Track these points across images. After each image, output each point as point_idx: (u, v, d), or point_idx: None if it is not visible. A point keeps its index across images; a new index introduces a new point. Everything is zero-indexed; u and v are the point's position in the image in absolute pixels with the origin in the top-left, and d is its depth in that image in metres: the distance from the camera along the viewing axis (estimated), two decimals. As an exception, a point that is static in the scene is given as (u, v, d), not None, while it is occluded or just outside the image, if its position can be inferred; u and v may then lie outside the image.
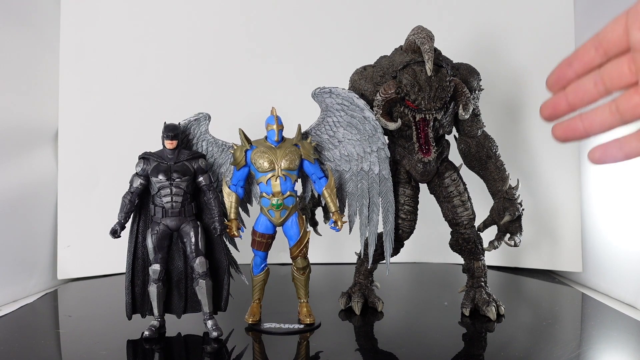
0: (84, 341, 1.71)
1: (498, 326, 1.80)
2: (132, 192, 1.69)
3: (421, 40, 1.68)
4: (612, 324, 1.84)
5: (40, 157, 2.56)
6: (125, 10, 2.71)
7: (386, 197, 1.83)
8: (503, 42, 2.67)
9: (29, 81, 2.49)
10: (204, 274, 1.69)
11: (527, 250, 2.64)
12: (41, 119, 2.58)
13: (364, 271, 1.99)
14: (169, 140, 1.69)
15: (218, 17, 2.76)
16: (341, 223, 1.78)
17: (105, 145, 2.67)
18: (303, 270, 1.80)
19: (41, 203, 2.56)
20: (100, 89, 2.68)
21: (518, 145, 2.66)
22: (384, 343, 1.69)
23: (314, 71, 2.71)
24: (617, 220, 2.28)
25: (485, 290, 1.90)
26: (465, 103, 1.76)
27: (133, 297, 1.74)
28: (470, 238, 1.89)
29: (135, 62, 2.71)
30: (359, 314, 1.92)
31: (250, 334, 1.75)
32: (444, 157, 1.92)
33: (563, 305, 2.15)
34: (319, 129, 1.85)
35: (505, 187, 1.88)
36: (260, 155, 1.73)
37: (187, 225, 1.70)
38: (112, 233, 1.66)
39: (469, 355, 1.58)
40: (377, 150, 1.80)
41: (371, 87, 1.83)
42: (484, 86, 1.91)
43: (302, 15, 2.77)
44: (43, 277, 2.52)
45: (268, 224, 1.77)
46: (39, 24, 2.56)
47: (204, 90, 2.71)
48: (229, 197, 1.77)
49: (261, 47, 2.76)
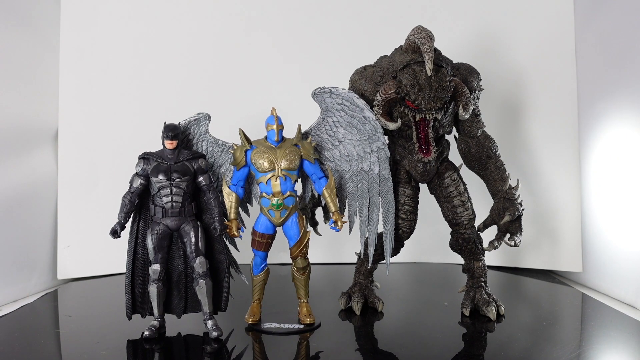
0: (84, 341, 1.71)
1: (498, 326, 1.80)
2: (132, 192, 1.69)
3: (421, 40, 1.68)
4: (612, 324, 1.84)
5: (40, 157, 2.56)
6: (126, 10, 2.71)
7: (386, 197, 1.83)
8: (503, 42, 2.67)
9: (29, 81, 2.49)
10: (204, 274, 1.69)
11: (527, 250, 2.64)
12: (41, 119, 2.57)
13: (364, 271, 1.99)
14: (169, 140, 1.69)
15: (218, 17, 2.76)
16: (341, 223, 1.78)
17: (105, 146, 2.67)
18: (303, 270, 1.80)
19: (41, 203, 2.55)
20: (101, 89, 2.68)
21: (518, 145, 2.65)
22: (384, 343, 1.69)
23: (314, 71, 2.71)
24: (617, 220, 2.28)
25: (485, 290, 1.90)
26: (465, 103, 1.76)
27: (133, 297, 1.74)
28: (470, 238, 1.89)
29: (135, 62, 2.71)
30: (359, 314, 1.92)
31: (250, 334, 1.75)
32: (444, 157, 1.92)
33: (563, 305, 2.15)
34: (319, 129, 1.85)
35: (505, 187, 1.88)
36: (260, 155, 1.73)
37: (187, 225, 1.70)
38: (112, 233, 1.66)
39: (469, 355, 1.58)
40: (377, 150, 1.80)
41: (371, 87, 1.83)
42: (484, 86, 1.91)
43: (303, 16, 2.77)
44: (43, 277, 2.52)
45: (268, 224, 1.77)
46: (39, 24, 2.56)
47: (203, 90, 2.71)
48: (229, 197, 1.77)
49: (261, 47, 2.76)
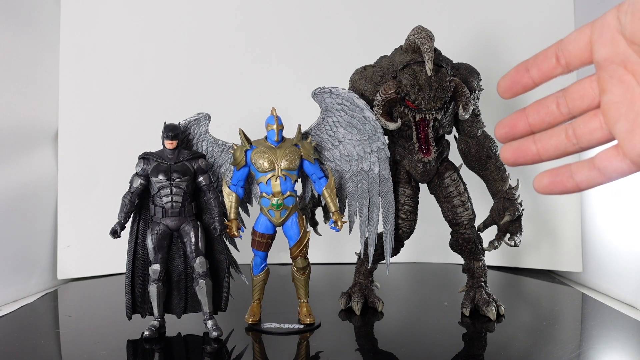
0: (84, 341, 1.71)
1: (498, 326, 1.80)
2: (132, 192, 1.69)
3: (421, 40, 1.68)
4: (612, 324, 1.84)
5: (40, 157, 2.56)
6: (125, 10, 2.71)
7: (386, 197, 1.83)
8: (503, 42, 2.67)
9: (29, 81, 2.49)
10: (204, 274, 1.69)
11: (527, 250, 2.64)
12: (41, 119, 2.57)
13: (364, 271, 1.99)
14: (169, 140, 1.69)
15: (218, 17, 2.76)
16: (341, 223, 1.78)
17: (105, 146, 2.67)
18: (303, 270, 1.80)
19: (41, 203, 2.56)
20: (100, 89, 2.68)
21: (518, 145, 2.65)
22: (384, 343, 1.69)
23: (314, 71, 2.71)
24: (617, 220, 2.28)
25: (485, 290, 1.90)
26: (465, 103, 1.76)
27: (133, 297, 1.74)
28: (470, 238, 1.89)
29: (135, 62, 2.71)
30: (359, 314, 1.92)
31: (250, 334, 1.75)
32: (444, 157, 1.92)
33: (563, 305, 2.15)
34: (319, 129, 1.85)
35: (505, 187, 1.88)
36: (260, 155, 1.73)
37: (187, 225, 1.70)
38: (112, 233, 1.66)
39: (469, 355, 1.58)
40: (377, 150, 1.80)
41: (371, 87, 1.83)
42: (484, 86, 1.91)
43: (303, 16, 2.77)
44: (43, 277, 2.52)
45: (268, 224, 1.77)
46: (39, 24, 2.56)
47: (203, 90, 2.71)
48: (229, 197, 1.77)
49: (261, 47, 2.76)
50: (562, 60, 0.71)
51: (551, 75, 0.72)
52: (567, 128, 0.72)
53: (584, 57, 0.69)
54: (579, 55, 0.70)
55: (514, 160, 0.76)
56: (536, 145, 0.74)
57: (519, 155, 0.76)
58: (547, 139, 0.73)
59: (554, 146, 0.73)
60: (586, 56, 0.69)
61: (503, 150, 0.77)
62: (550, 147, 0.73)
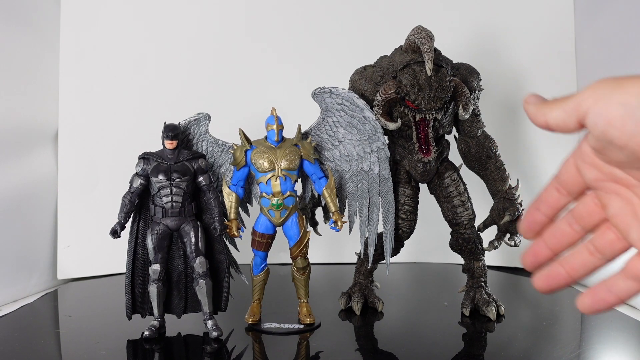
0: (84, 341, 1.71)
1: (498, 326, 1.80)
2: (132, 192, 1.69)
3: (421, 40, 1.68)
4: (612, 324, 1.83)
5: (40, 157, 2.56)
6: (126, 10, 2.71)
7: (386, 197, 1.83)
8: (503, 42, 2.67)
9: (29, 81, 2.49)
10: (204, 274, 1.69)
11: (527, 250, 2.64)
12: (41, 119, 2.57)
13: (364, 271, 1.99)
14: (169, 140, 1.69)
15: (218, 17, 2.76)
16: (341, 223, 1.78)
17: (105, 146, 2.67)
18: (303, 270, 1.80)
19: (41, 203, 2.56)
20: (101, 89, 2.69)
21: (518, 145, 2.65)
22: (384, 343, 1.69)
23: (314, 71, 2.71)
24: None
25: (485, 290, 1.90)
26: (465, 103, 1.76)
27: (133, 297, 1.74)
28: (470, 238, 1.89)
29: (135, 62, 2.71)
30: (359, 314, 1.92)
31: (250, 334, 1.75)
32: (444, 157, 1.92)
33: (563, 305, 2.15)
34: (319, 129, 1.85)
35: (505, 187, 1.88)
36: (260, 155, 1.73)
37: (187, 225, 1.70)
38: (112, 233, 1.66)
39: (469, 355, 1.58)
40: (377, 150, 1.80)
41: (371, 87, 1.83)
42: (484, 86, 1.91)
43: (303, 15, 2.77)
44: (43, 277, 2.52)
45: (268, 224, 1.77)
46: (39, 24, 2.56)
47: (204, 90, 2.71)
48: (229, 197, 1.77)
49: (261, 47, 2.76)
50: (562, 191, 0.76)
51: (560, 206, 0.77)
52: (588, 245, 0.75)
53: (580, 183, 0.73)
54: (575, 183, 0.74)
55: (548, 288, 0.78)
56: (564, 268, 0.77)
57: (551, 282, 0.78)
58: (572, 260, 0.76)
59: (581, 265, 0.75)
60: (581, 181, 0.73)
61: (535, 281, 0.79)
62: (578, 267, 0.76)
